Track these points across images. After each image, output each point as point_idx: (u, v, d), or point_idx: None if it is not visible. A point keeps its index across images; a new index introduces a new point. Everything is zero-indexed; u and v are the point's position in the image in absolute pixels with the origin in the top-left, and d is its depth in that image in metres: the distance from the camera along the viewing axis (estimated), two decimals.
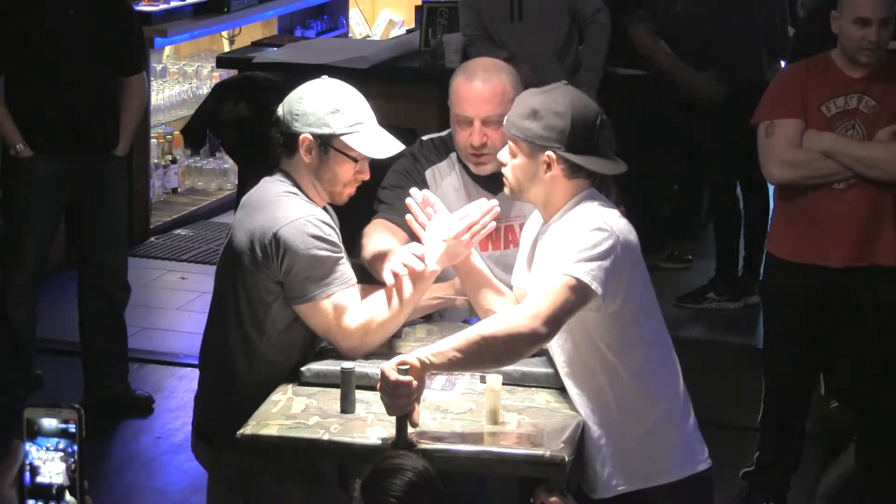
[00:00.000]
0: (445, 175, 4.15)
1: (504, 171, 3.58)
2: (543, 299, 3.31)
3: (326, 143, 3.71)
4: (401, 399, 3.27)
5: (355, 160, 3.74)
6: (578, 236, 3.38)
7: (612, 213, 3.46)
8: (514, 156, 3.53)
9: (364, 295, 3.79)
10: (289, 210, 3.68)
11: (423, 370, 3.29)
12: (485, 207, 3.68)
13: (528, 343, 3.34)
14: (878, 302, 4.93)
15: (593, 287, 3.32)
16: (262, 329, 3.74)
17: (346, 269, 3.70)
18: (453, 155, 4.16)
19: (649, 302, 3.54)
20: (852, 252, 4.87)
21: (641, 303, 3.50)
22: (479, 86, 4.01)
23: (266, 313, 3.73)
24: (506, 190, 3.61)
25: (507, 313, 3.41)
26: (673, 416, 3.56)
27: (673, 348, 3.62)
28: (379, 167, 3.91)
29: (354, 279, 3.74)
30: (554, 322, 3.31)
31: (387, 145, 3.77)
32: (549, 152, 3.46)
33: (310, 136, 3.71)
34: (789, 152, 4.84)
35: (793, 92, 4.87)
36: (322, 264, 3.65)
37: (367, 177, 3.79)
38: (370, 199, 4.09)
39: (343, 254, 3.72)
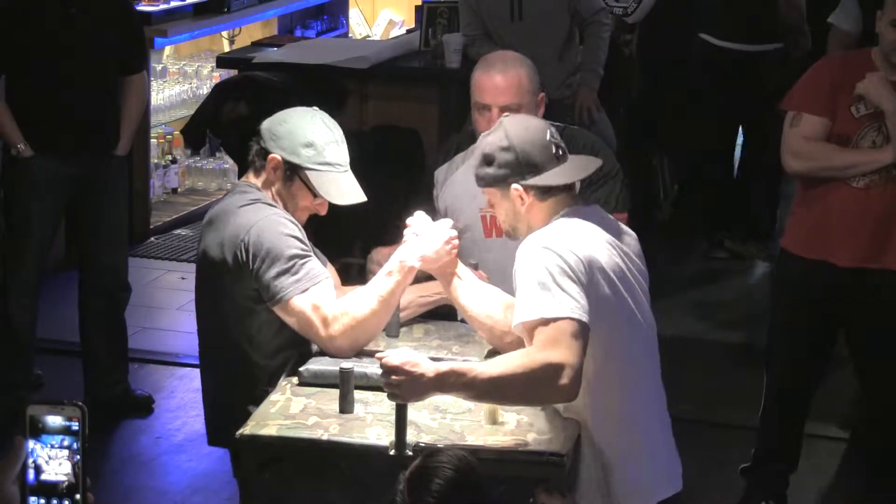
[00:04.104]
0: (458, 165, 4.33)
1: (498, 222, 3.63)
2: (560, 350, 3.23)
3: (293, 171, 3.84)
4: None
5: (315, 194, 3.85)
6: (528, 270, 3.32)
7: (573, 235, 3.38)
8: (494, 205, 3.57)
9: (342, 295, 3.83)
10: (253, 214, 3.79)
11: (442, 378, 3.27)
12: (447, 235, 3.73)
13: (558, 398, 3.35)
14: (884, 303, 4.90)
15: (576, 317, 3.26)
16: (251, 338, 3.80)
17: (314, 264, 3.76)
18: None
19: (622, 321, 3.44)
20: (864, 252, 4.83)
21: (611, 323, 3.40)
22: (496, 76, 4.19)
23: (252, 322, 3.79)
24: (506, 235, 3.64)
25: (533, 360, 3.28)
26: (645, 446, 3.52)
27: (653, 367, 3.56)
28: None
29: (326, 274, 3.79)
30: (578, 372, 3.25)
31: (348, 194, 3.87)
32: (514, 186, 3.47)
33: (279, 158, 3.84)
34: (804, 144, 4.83)
35: (825, 88, 4.82)
36: (290, 259, 3.71)
37: (323, 211, 3.91)
38: (368, 200, 4.11)
39: (311, 253, 3.78)
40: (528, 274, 3.31)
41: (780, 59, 7.36)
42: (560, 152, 3.50)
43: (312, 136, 3.84)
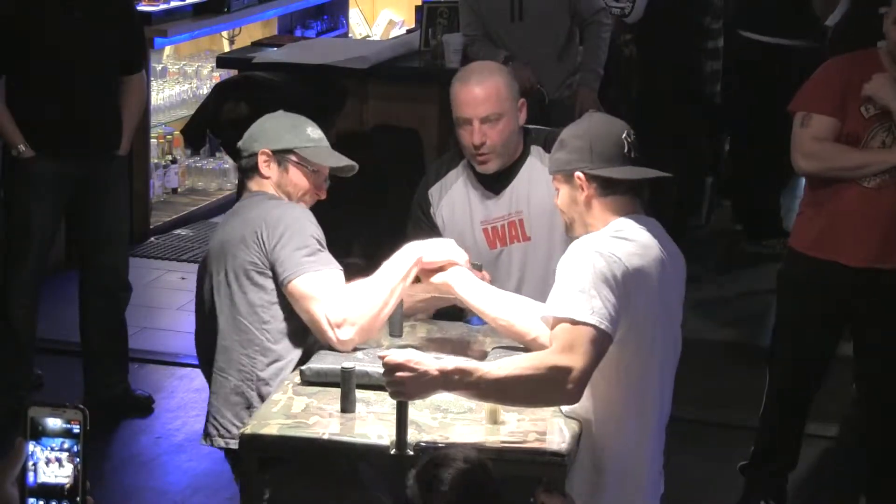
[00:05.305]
0: (452, 182, 4.32)
1: (563, 218, 3.63)
2: (574, 355, 3.24)
3: (283, 156, 3.96)
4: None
5: (312, 171, 3.97)
6: (572, 268, 3.34)
7: (626, 244, 3.39)
8: (558, 191, 3.59)
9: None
10: (278, 205, 3.92)
11: (445, 377, 3.28)
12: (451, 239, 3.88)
13: (560, 402, 3.38)
14: (891, 303, 4.88)
15: (603, 328, 3.27)
16: (261, 319, 3.83)
17: (329, 256, 3.83)
18: (465, 161, 4.32)
19: (649, 337, 3.44)
20: (874, 252, 4.82)
21: (638, 337, 3.40)
22: (474, 88, 4.19)
23: (266, 309, 3.82)
24: (564, 229, 3.66)
25: (542, 363, 3.30)
26: (641, 460, 3.51)
27: (668, 387, 3.56)
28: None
29: (339, 266, 3.84)
30: (586, 378, 3.27)
31: (339, 159, 4.03)
32: (577, 173, 3.49)
33: (268, 151, 3.96)
34: (815, 145, 4.82)
35: (835, 89, 4.81)
36: (309, 239, 3.79)
37: (323, 195, 4.02)
38: (368, 201, 4.14)
39: (324, 247, 3.85)
40: (570, 272, 3.33)
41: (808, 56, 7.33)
42: (632, 154, 3.52)
43: (288, 123, 4.03)
